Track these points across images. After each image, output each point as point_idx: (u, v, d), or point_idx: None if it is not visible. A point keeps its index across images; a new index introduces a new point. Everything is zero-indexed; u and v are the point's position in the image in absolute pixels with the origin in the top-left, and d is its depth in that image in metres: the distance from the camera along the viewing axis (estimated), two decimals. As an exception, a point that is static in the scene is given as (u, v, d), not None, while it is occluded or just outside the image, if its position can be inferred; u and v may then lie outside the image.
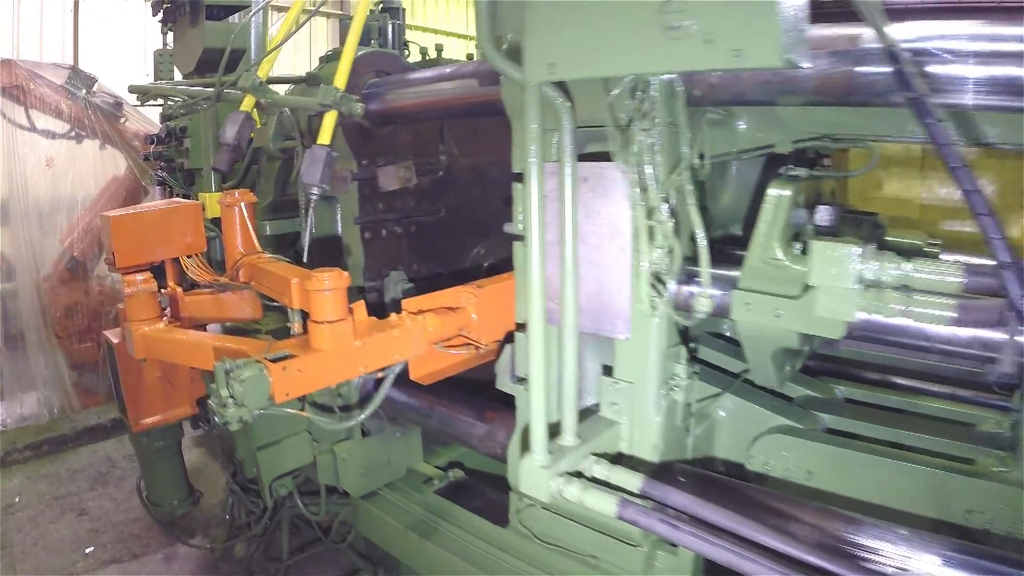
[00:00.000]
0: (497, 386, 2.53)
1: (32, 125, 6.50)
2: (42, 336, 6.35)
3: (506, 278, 2.68)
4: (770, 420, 2.42)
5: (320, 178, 2.39)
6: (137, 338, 2.62)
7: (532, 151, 1.91)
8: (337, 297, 2.21)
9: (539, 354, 2.01)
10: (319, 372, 2.18)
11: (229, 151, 2.53)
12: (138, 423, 3.03)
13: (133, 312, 2.64)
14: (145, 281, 2.65)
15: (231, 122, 2.54)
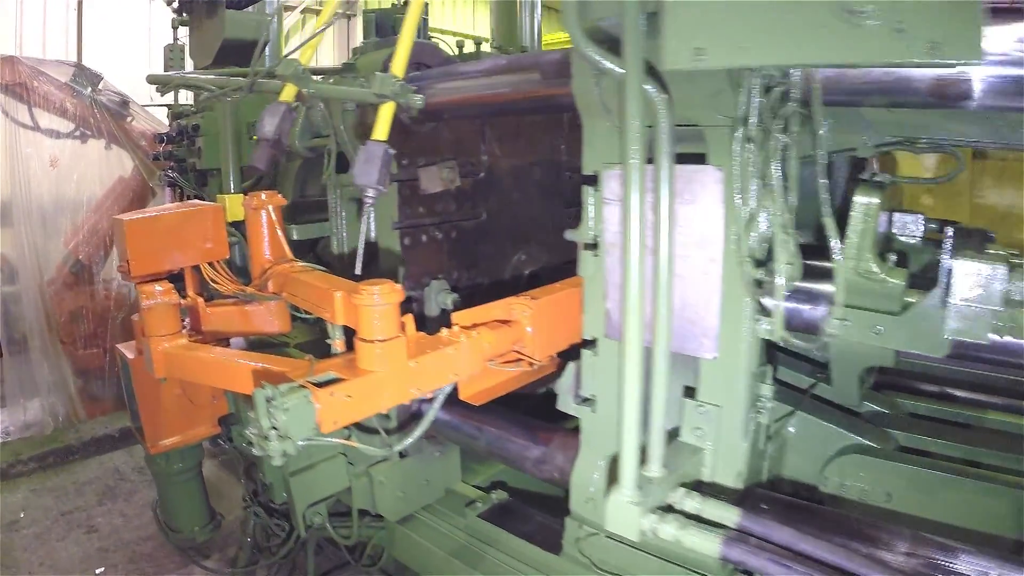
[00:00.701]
0: (558, 407, 2.30)
1: (36, 124, 6.18)
2: (46, 341, 6.02)
3: (559, 289, 2.44)
4: (843, 439, 2.32)
5: (378, 178, 2.09)
6: (157, 355, 2.31)
7: (634, 152, 1.66)
8: (389, 313, 1.93)
9: (635, 377, 1.77)
10: (370, 397, 1.90)
11: (269, 147, 2.22)
12: (156, 445, 2.73)
13: (152, 326, 2.33)
14: (165, 292, 2.34)
15: (270, 114, 2.24)
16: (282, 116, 2.23)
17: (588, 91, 1.96)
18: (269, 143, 2.22)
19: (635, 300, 1.76)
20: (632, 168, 1.68)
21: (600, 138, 2.03)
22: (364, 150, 2.10)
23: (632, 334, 1.76)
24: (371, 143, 2.10)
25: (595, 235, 2.15)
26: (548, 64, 2.28)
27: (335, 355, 2.15)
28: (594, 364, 2.16)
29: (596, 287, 2.17)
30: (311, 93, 2.30)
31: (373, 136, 2.13)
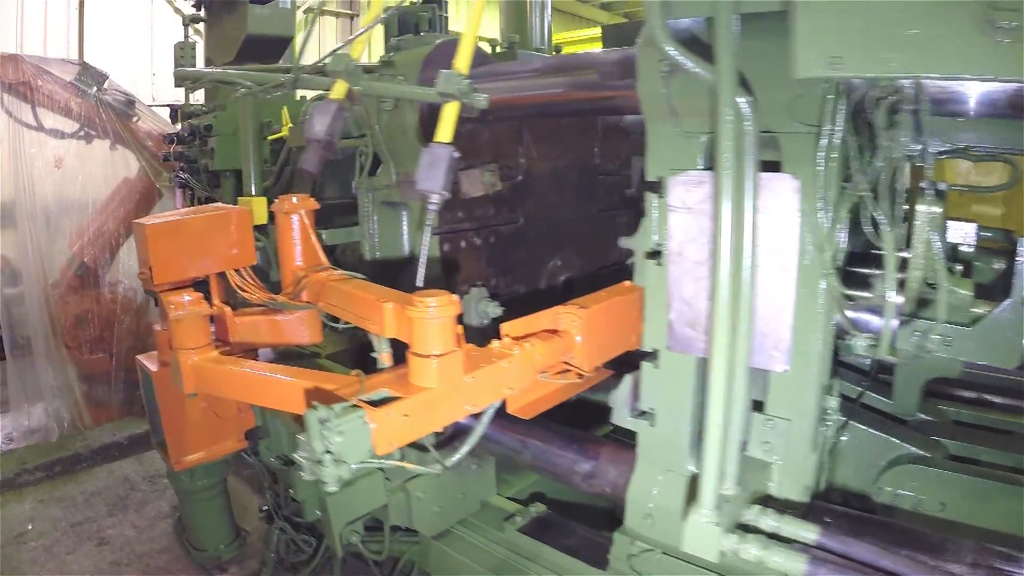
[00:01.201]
0: (613, 420, 2.21)
1: (39, 124, 5.98)
2: (50, 346, 5.81)
3: (606, 297, 2.31)
4: (896, 449, 2.31)
5: (443, 183, 1.93)
6: (187, 370, 2.14)
7: (727, 160, 1.59)
8: (446, 326, 1.78)
9: (720, 392, 1.69)
10: (426, 415, 1.76)
11: (319, 148, 2.04)
12: (180, 461, 2.55)
13: (181, 339, 2.16)
14: (195, 303, 2.17)
15: (320, 113, 2.05)
16: (333, 115, 2.05)
17: (655, 93, 1.87)
18: (320, 144, 2.03)
19: (725, 314, 1.69)
20: (725, 176, 1.60)
21: (665, 143, 1.94)
22: (428, 153, 1.93)
23: (720, 349, 1.69)
24: (435, 146, 1.93)
25: (658, 243, 2.03)
26: (607, 64, 2.15)
27: (382, 370, 1.98)
28: (654, 377, 2.08)
29: (658, 297, 2.09)
30: (363, 91, 2.12)
31: (437, 138, 1.96)
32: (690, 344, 2.01)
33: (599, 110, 2.27)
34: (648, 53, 1.85)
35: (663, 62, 1.79)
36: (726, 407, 1.70)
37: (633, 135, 3.48)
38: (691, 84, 1.74)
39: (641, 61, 1.87)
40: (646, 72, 1.86)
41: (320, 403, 1.60)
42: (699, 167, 1.90)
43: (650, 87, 1.87)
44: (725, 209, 1.61)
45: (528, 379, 2.04)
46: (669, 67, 1.79)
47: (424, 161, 1.93)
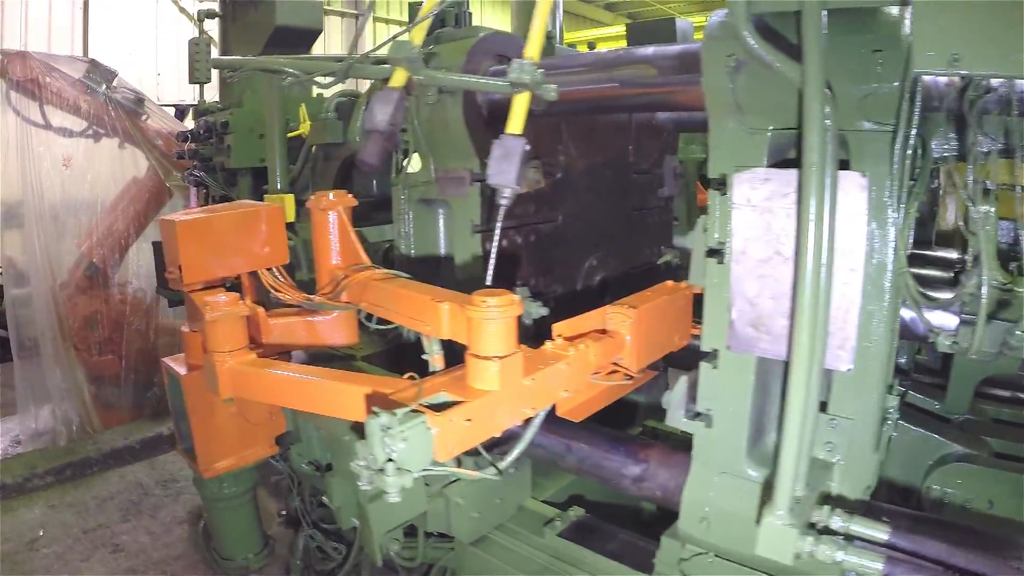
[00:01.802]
0: (668, 422, 2.11)
1: (47, 122, 5.84)
2: (59, 347, 5.66)
3: (653, 297, 2.23)
4: (943, 447, 2.31)
5: (516, 177, 1.80)
6: (223, 374, 2.01)
7: (815, 157, 1.53)
8: (508, 327, 1.67)
9: (800, 394, 1.62)
10: (488, 420, 1.65)
11: (381, 139, 1.90)
12: (209, 468, 2.42)
13: (217, 341, 2.03)
14: (231, 303, 2.03)
15: (381, 102, 1.91)
16: (396, 104, 1.91)
17: (721, 89, 1.79)
18: (382, 135, 1.89)
19: (808, 315, 1.60)
20: (812, 175, 1.52)
21: (730, 139, 1.87)
22: (500, 145, 1.81)
23: (801, 350, 1.61)
24: (508, 138, 1.80)
25: (720, 241, 1.94)
26: (666, 58, 2.04)
27: (434, 373, 1.86)
28: (712, 377, 2.00)
29: (719, 296, 1.99)
30: (426, 81, 1.98)
31: (509, 130, 1.83)
32: (751, 344, 1.94)
33: (654, 105, 2.16)
34: (714, 48, 1.79)
35: (731, 57, 1.74)
36: (805, 409, 1.63)
37: (665, 133, 3.38)
38: (759, 80, 1.70)
39: (706, 56, 1.81)
40: (712, 67, 1.80)
41: (380, 408, 1.49)
42: (764, 164, 1.83)
43: (716, 82, 1.80)
44: (811, 208, 1.54)
45: (582, 381, 1.97)
46: (736, 62, 1.73)
47: (496, 154, 1.81)
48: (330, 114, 3.42)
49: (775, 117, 1.78)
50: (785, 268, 1.84)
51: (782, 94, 1.70)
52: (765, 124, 1.81)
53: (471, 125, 2.27)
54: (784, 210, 1.83)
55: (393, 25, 12.83)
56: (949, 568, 1.67)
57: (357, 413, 1.70)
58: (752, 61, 1.74)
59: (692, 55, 2.02)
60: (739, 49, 1.73)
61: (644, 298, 2.30)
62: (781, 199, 1.80)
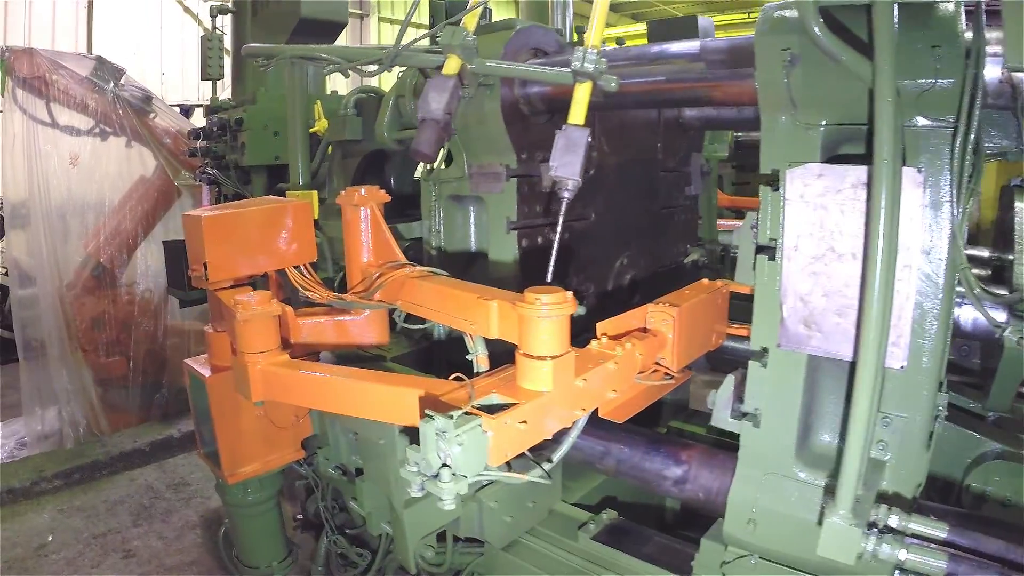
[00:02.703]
0: (713, 422, 2.07)
1: (54, 120, 5.74)
2: (65, 349, 5.55)
3: (692, 295, 2.20)
4: (982, 444, 2.29)
5: (580, 169, 1.71)
6: (254, 376, 1.91)
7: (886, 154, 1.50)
8: (562, 325, 1.58)
9: (867, 394, 1.58)
10: (541, 422, 1.58)
11: (437, 129, 1.79)
12: (234, 474, 2.32)
13: (248, 342, 1.93)
14: (263, 302, 1.93)
15: (436, 90, 1.81)
16: (451, 93, 1.81)
17: (775, 83, 1.75)
18: (439, 124, 1.79)
19: (876, 313, 1.56)
20: (883, 171, 1.49)
21: (783, 134, 1.82)
22: (564, 136, 1.71)
23: (869, 349, 1.57)
24: (571, 128, 1.71)
25: (771, 238, 1.90)
26: (715, 52, 1.96)
27: (480, 373, 1.77)
28: (761, 376, 1.96)
29: (769, 294, 1.94)
30: (480, 70, 1.87)
31: (571, 120, 1.74)
32: (802, 342, 1.90)
33: (700, 101, 2.08)
34: (769, 41, 1.74)
35: (786, 51, 1.70)
36: (871, 408, 1.59)
37: (691, 131, 3.30)
38: (814, 74, 1.67)
39: (760, 49, 1.76)
40: (766, 61, 1.75)
41: (435, 412, 1.40)
42: (817, 159, 1.79)
43: (769, 77, 1.75)
44: (882, 205, 1.50)
45: (629, 381, 1.91)
46: (791, 56, 1.70)
47: (559, 145, 1.71)
48: (349, 110, 3.32)
49: (830, 112, 1.75)
50: (838, 265, 1.81)
51: (838, 88, 1.67)
52: (819, 119, 1.77)
53: (508, 119, 2.17)
54: (838, 206, 1.81)
55: (397, 25, 12.75)
56: (1007, 564, 1.63)
57: (406, 416, 1.61)
58: (808, 55, 1.71)
59: (743, 49, 1.96)
60: (794, 42, 1.70)
61: (684, 296, 2.27)
62: (835, 195, 1.76)
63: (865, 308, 1.57)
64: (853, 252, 1.79)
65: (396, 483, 2.13)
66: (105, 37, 9.49)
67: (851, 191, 1.76)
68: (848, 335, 1.81)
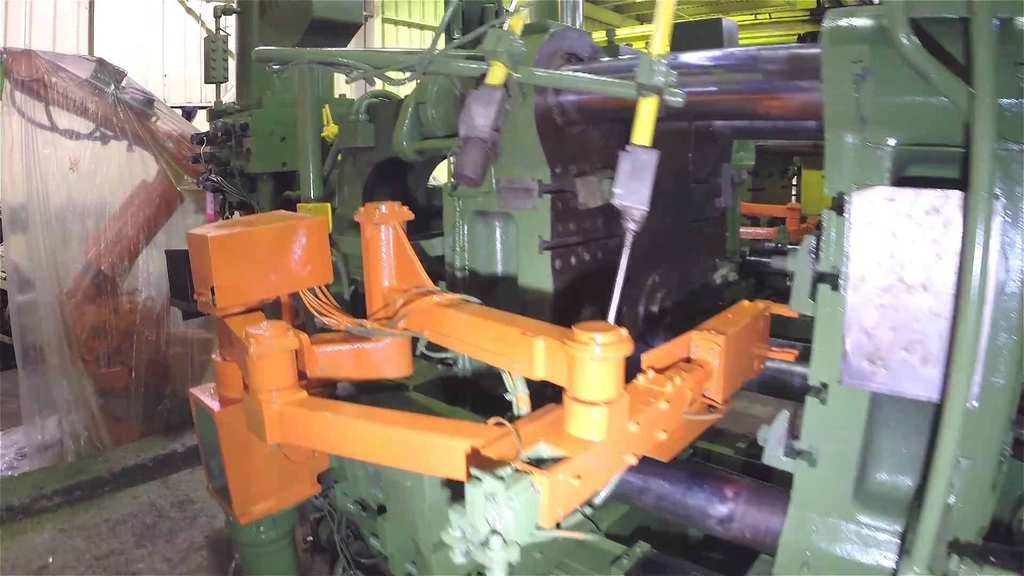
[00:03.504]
0: (765, 460, 1.89)
1: (53, 124, 5.57)
2: (65, 359, 5.37)
3: (735, 320, 2.04)
4: None
5: (648, 196, 1.52)
6: (269, 416, 1.72)
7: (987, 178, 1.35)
8: (617, 368, 1.40)
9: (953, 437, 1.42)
10: (595, 474, 1.40)
11: (483, 148, 1.58)
12: (246, 513, 2.13)
13: (262, 379, 1.74)
14: (278, 334, 1.74)
15: (482, 103, 1.59)
16: (498, 106, 1.59)
17: (843, 98, 1.58)
18: (485, 144, 1.58)
19: (968, 350, 1.40)
20: (980, 199, 1.35)
21: (850, 154, 1.66)
22: (630, 159, 1.52)
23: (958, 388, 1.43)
24: (638, 150, 1.51)
25: (834, 266, 1.72)
26: (773, 61, 1.77)
27: (520, 416, 1.58)
28: (819, 413, 1.81)
29: (831, 325, 1.77)
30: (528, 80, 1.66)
31: (636, 140, 1.54)
32: (866, 378, 1.75)
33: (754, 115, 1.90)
34: (838, 52, 1.57)
35: (858, 63, 1.54)
36: (955, 455, 1.45)
37: (721, 140, 3.12)
38: (888, 89, 1.53)
39: (828, 61, 1.59)
40: (834, 73, 1.58)
41: (478, 468, 1.22)
42: (888, 182, 1.65)
43: (838, 91, 1.59)
44: (979, 237, 1.36)
45: (679, 418, 1.74)
46: (863, 69, 1.54)
47: (625, 168, 1.51)
48: (361, 116, 3.13)
49: (902, 130, 1.59)
50: (908, 297, 1.66)
51: (914, 106, 1.53)
52: (890, 138, 1.60)
53: (543, 131, 1.98)
54: (909, 234, 1.64)
55: (401, 27, 12.53)
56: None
57: (447, 469, 1.43)
58: (881, 68, 1.55)
59: (805, 58, 1.77)
60: (867, 54, 1.54)
61: (728, 322, 2.10)
62: (906, 221, 1.61)
63: (957, 346, 1.40)
64: (924, 283, 1.64)
65: (424, 526, 1.95)
66: (106, 38, 9.29)
67: (924, 218, 1.61)
68: (916, 372, 1.65)
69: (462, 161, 1.56)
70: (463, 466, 1.44)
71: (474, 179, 1.55)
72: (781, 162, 6.23)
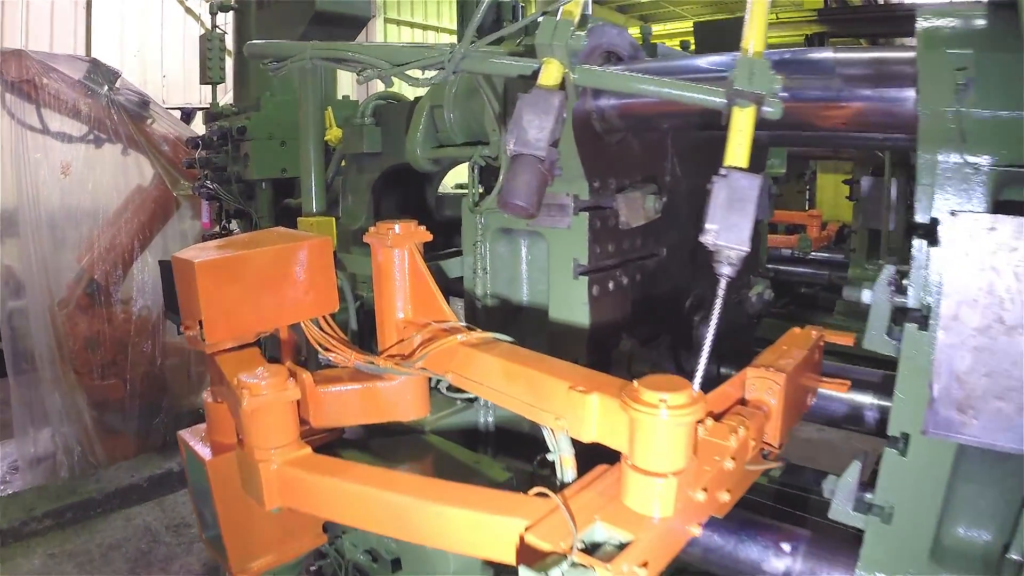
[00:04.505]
0: (832, 515, 1.69)
1: (45, 126, 5.30)
2: (58, 372, 5.09)
3: (788, 352, 1.77)
4: None
5: (751, 233, 1.24)
6: (267, 478, 1.45)
7: None
8: (689, 432, 1.15)
9: None
10: (661, 557, 1.15)
11: (539, 171, 1.24)
12: (244, 570, 1.87)
13: (258, 437, 1.47)
14: (277, 383, 1.47)
15: (535, 110, 1.24)
16: (556, 115, 1.24)
17: (942, 112, 1.36)
18: (541, 163, 1.26)
19: None
20: None
21: (946, 175, 1.43)
22: (725, 186, 1.22)
23: None
24: (736, 174, 1.21)
25: (924, 302, 1.49)
26: (854, 65, 1.50)
27: (566, 484, 1.32)
28: (899, 466, 1.62)
29: (917, 369, 1.56)
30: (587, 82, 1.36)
31: (731, 161, 1.25)
32: (955, 428, 1.53)
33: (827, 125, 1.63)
34: (936, 59, 1.36)
35: (962, 71, 1.34)
36: None
37: (756, 147, 2.85)
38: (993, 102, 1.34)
39: (925, 68, 1.37)
40: (932, 83, 1.37)
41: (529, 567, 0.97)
42: (988, 208, 1.45)
43: (936, 103, 1.36)
44: None
45: (743, 473, 1.50)
46: (967, 79, 1.34)
47: (720, 198, 1.22)
48: (367, 119, 2.85)
49: (1005, 149, 1.38)
50: (1006, 339, 1.44)
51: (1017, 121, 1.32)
52: (993, 158, 1.38)
53: (580, 139, 1.71)
54: (1012, 268, 1.41)
55: (404, 26, 12.21)
56: None
57: (483, 550, 1.17)
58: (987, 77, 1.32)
59: (892, 64, 1.51)
60: (972, 61, 1.33)
61: (783, 354, 1.85)
62: (1009, 254, 1.40)
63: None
64: (1025, 324, 1.42)
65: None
66: (104, 38, 9.00)
67: (1032, 250, 1.38)
68: (1011, 422, 1.45)
69: (512, 186, 1.23)
70: (502, 549, 1.18)
71: (527, 209, 1.23)
72: (798, 166, 5.99)
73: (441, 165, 2.27)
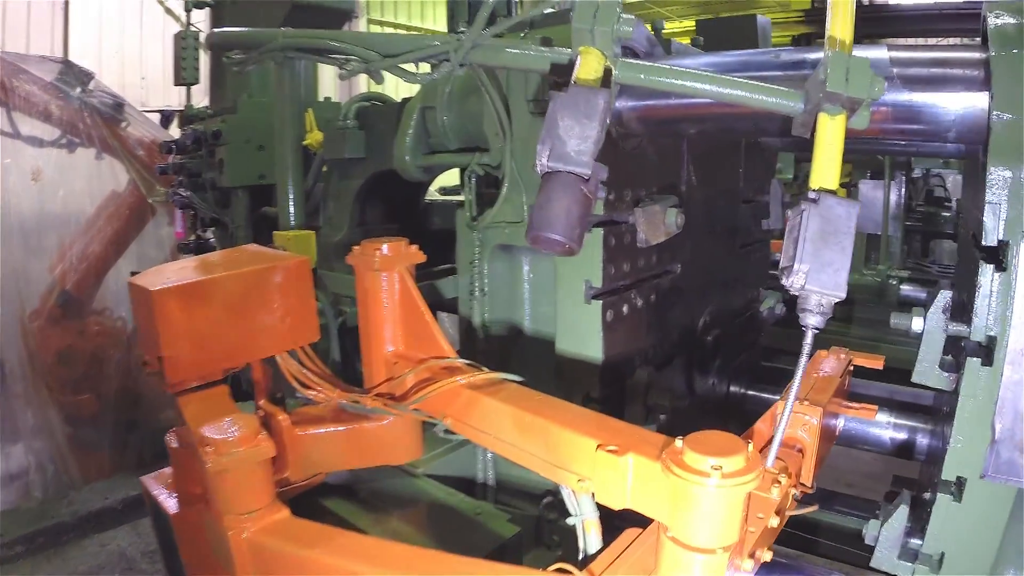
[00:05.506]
0: (875, 564, 1.57)
1: (15, 130, 5.03)
2: (29, 387, 4.80)
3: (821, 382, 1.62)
4: None
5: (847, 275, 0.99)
6: (237, 547, 1.21)
7: None
8: (739, 503, 0.93)
9: None
10: None
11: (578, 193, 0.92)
12: (213, 636, 1.63)
13: (228, 501, 1.23)
14: (247, 437, 1.23)
15: (573, 113, 0.96)
16: (600, 119, 0.98)
17: (1018, 121, 1.18)
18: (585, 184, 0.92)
19: None
20: None
21: (1019, 192, 1.23)
22: (816, 215, 0.91)
23: None
24: (829, 200, 0.93)
25: (989, 334, 1.32)
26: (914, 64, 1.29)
27: (589, 556, 1.10)
28: (953, 512, 1.48)
29: (980, 408, 1.40)
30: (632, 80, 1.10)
31: (818, 183, 0.97)
32: (1017, 473, 1.42)
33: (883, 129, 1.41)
34: (1014, 60, 1.19)
35: None
36: None
37: (767, 152, 2.66)
38: None
39: (1000, 68, 1.20)
40: (1008, 87, 1.19)
41: None
42: None
43: (1013, 110, 1.19)
44: None
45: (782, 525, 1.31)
46: None
47: (810, 229, 0.95)
48: (349, 122, 2.61)
49: None
50: None
51: None
52: None
53: (594, 147, 1.49)
54: None
55: (388, 28, 11.90)
56: None
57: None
58: None
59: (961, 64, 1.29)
60: None
61: (815, 386, 1.67)
62: None
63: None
64: (1095, 359, 1.24)
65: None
66: (82, 39, 8.64)
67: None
68: None
69: (546, 215, 0.96)
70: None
71: (566, 244, 0.94)
72: (791, 168, 5.82)
73: (433, 173, 2.05)
